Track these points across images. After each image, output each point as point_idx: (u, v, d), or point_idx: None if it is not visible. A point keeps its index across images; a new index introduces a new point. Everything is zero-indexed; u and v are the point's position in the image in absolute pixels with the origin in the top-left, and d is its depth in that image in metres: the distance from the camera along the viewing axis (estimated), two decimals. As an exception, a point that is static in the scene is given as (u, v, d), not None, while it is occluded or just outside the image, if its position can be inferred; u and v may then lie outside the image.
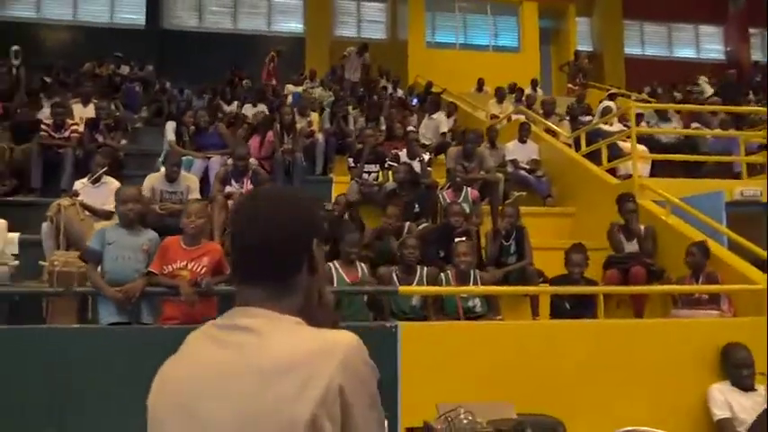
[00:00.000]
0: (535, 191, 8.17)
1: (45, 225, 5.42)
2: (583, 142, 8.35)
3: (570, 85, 15.47)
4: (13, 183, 6.86)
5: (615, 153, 8.07)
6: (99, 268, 4.19)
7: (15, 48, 12.01)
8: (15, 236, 5.48)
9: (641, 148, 7.80)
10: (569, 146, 8.80)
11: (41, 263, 5.02)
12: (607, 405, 4.02)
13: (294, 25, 18.35)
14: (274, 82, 12.73)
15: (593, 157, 7.99)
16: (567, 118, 10.25)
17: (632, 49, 20.49)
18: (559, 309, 5.14)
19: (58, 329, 3.92)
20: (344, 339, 1.09)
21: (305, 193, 1.41)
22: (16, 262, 5.15)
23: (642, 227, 6.20)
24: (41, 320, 4.50)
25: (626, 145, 7.86)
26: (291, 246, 1.17)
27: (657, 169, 8.14)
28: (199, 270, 4.23)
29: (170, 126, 8.16)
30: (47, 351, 3.66)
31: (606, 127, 9.00)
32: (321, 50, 16.97)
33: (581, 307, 4.95)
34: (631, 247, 6.16)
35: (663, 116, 10.07)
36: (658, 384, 4.21)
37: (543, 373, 4.10)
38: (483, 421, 2.82)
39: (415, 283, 4.93)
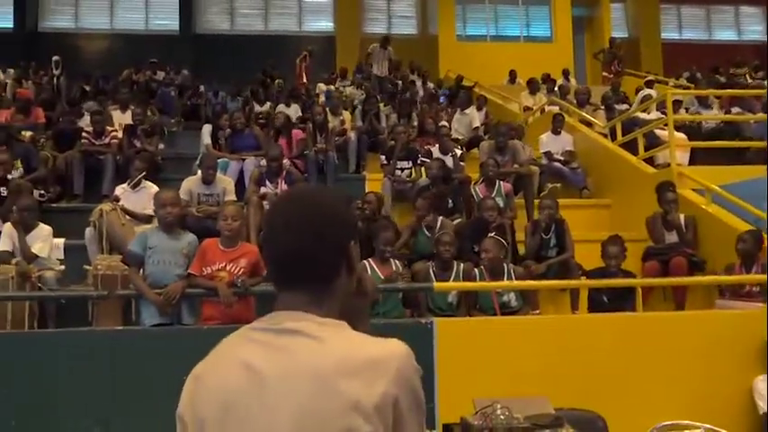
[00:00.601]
0: (570, 183, 8.07)
1: (88, 230, 5.59)
2: (618, 131, 8.20)
3: (605, 74, 15.20)
4: (56, 189, 7.07)
5: (653, 142, 7.91)
6: (141, 271, 4.30)
7: (56, 58, 12.42)
8: (61, 241, 5.66)
9: (680, 135, 7.63)
10: (605, 136, 8.66)
11: (86, 267, 5.18)
12: (648, 399, 3.96)
13: (324, 24, 18.46)
14: (305, 81, 12.82)
15: (630, 146, 7.84)
16: (603, 107, 10.08)
17: (669, 34, 19.98)
18: (597, 302, 5.07)
19: (102, 332, 4.05)
20: (398, 349, 1.12)
21: (337, 192, 1.42)
22: (62, 267, 5.32)
23: (682, 217, 6.07)
24: (87, 323, 4.65)
25: (663, 133, 7.69)
26: (330, 250, 1.17)
27: (699, 157, 7.93)
28: (237, 271, 4.31)
29: (206, 129, 8.32)
30: (92, 352, 3.78)
31: (643, 115, 8.83)
32: (352, 48, 17.01)
33: (619, 300, 4.88)
34: (671, 237, 6.04)
35: (703, 102, 9.81)
36: (701, 377, 4.12)
37: (582, 368, 4.05)
38: (520, 416, 2.80)
39: (451, 279, 4.92)
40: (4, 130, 7.18)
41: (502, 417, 2.74)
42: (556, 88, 12.06)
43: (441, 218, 6.04)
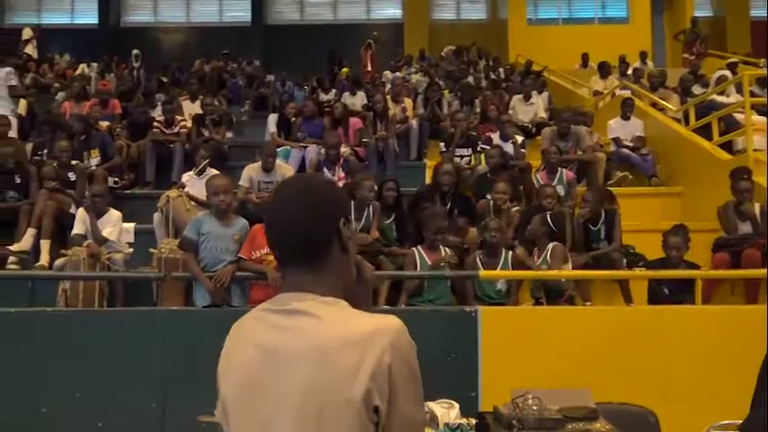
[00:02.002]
0: (639, 170, 7.75)
1: (156, 215, 5.88)
2: (692, 116, 7.80)
3: (686, 55, 14.43)
4: (130, 177, 7.45)
5: (732, 127, 7.48)
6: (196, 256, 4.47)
7: (135, 52, 13.01)
8: (131, 226, 5.98)
9: (760, 119, 7.17)
10: (678, 121, 8.25)
11: (151, 250, 5.44)
12: (705, 396, 3.77)
13: (392, 11, 18.47)
14: (370, 69, 12.87)
15: (706, 132, 7.45)
16: (680, 90, 9.59)
17: (760, 11, 18.70)
18: (657, 294, 4.87)
19: (158, 311, 4.25)
20: (391, 323, 1.21)
21: (327, 178, 1.53)
22: (131, 250, 5.60)
23: (757, 206, 5.73)
24: (152, 303, 4.89)
25: (744, 117, 7.25)
26: (315, 227, 1.27)
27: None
28: (284, 254, 4.40)
29: (272, 119, 8.53)
30: (149, 331, 3.99)
31: (721, 98, 8.36)
32: (420, 35, 16.92)
33: (681, 292, 4.66)
34: (745, 228, 5.71)
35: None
36: (763, 375, 3.89)
37: (634, 362, 3.92)
38: (553, 408, 2.75)
39: (499, 266, 4.85)
40: (83, 121, 7.60)
41: (534, 407, 2.69)
42: (629, 71, 11.58)
43: (511, 208, 5.91)
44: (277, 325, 1.24)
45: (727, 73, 9.37)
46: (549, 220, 4.97)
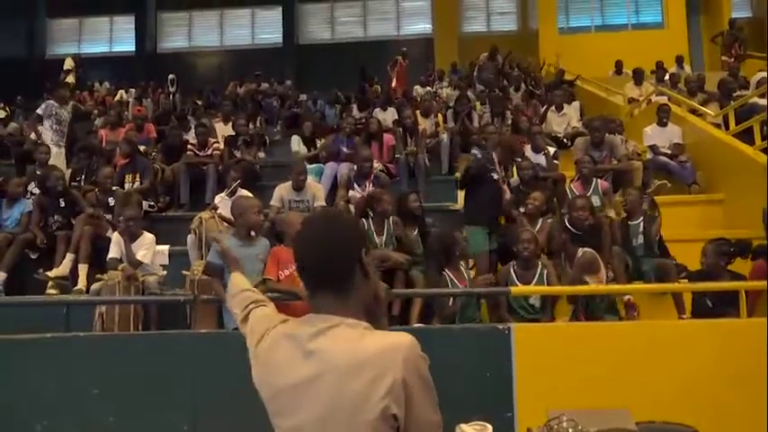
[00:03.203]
0: (678, 178, 7.53)
1: (189, 237, 5.90)
2: (731, 120, 7.55)
3: (725, 58, 14.04)
4: (165, 199, 7.55)
5: (776, 131, 7.21)
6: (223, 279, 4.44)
7: (171, 76, 13.29)
8: (165, 248, 6.01)
9: (804, 121, 6.90)
10: (717, 126, 8.00)
11: (184, 272, 5.47)
12: (752, 414, 3.59)
13: (422, 26, 18.50)
14: (395, 85, 12.87)
15: (748, 136, 7.20)
16: (718, 94, 9.31)
17: (802, 10, 18.11)
18: (701, 306, 4.68)
19: (188, 334, 4.25)
20: (403, 340, 1.37)
21: (347, 214, 1.65)
22: (164, 272, 5.64)
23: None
24: (187, 325, 4.89)
25: (787, 120, 6.99)
26: (342, 259, 1.45)
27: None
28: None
29: (295, 138, 8.56)
30: (181, 354, 4.00)
31: (762, 101, 8.08)
32: (450, 49, 16.89)
33: (724, 304, 4.47)
34: (789, 234, 5.46)
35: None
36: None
37: (676, 378, 3.76)
38: (590, 430, 2.64)
39: (534, 278, 4.73)
40: (130, 144, 7.72)
41: (570, 430, 2.59)
42: (666, 77, 11.31)
43: (541, 219, 5.81)
44: (305, 345, 1.40)
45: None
46: (567, 224, 4.84)
